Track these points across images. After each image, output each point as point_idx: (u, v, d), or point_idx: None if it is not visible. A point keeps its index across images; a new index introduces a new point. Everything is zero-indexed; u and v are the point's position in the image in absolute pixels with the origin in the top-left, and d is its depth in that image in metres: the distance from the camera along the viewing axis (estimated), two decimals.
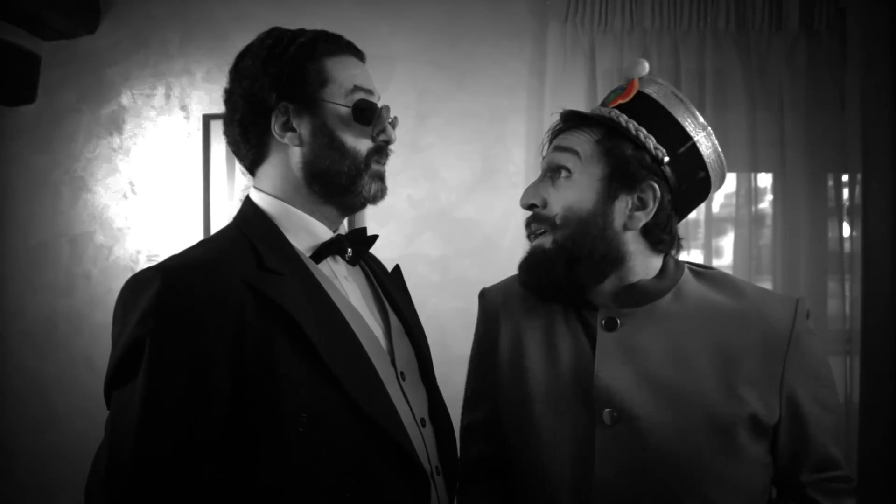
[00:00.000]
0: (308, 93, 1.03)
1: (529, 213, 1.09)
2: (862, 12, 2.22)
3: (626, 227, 1.03)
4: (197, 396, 0.88)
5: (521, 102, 2.40)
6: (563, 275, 1.03)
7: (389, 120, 1.07)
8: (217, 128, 2.46)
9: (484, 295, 1.24)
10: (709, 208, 2.32)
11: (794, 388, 1.01)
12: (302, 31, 1.07)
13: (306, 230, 1.06)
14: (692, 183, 1.06)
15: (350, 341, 1.00)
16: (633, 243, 1.04)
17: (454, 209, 2.42)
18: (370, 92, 1.07)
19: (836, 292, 2.30)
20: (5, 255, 2.54)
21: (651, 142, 1.02)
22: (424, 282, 2.38)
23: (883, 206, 2.21)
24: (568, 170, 1.04)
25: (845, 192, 2.31)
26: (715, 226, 2.35)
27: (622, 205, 1.03)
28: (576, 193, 1.03)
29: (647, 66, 1.08)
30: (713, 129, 1.07)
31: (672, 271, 1.07)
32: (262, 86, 1.02)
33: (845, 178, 2.31)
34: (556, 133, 1.10)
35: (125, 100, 2.51)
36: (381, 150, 1.08)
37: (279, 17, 2.43)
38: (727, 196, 2.41)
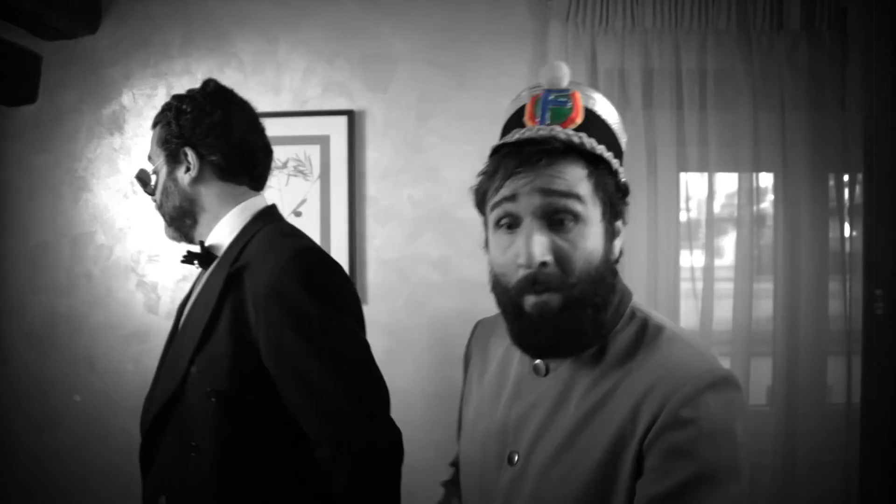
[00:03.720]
0: None
1: (529, 269, 0.89)
2: (863, 12, 2.22)
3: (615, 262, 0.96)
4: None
5: None
6: (591, 329, 0.91)
7: (151, 186, 1.44)
8: None
9: (476, 326, 1.21)
10: (710, 208, 2.31)
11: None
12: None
13: None
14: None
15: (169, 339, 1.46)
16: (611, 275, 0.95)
17: (455, 209, 2.41)
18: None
19: (838, 292, 2.30)
20: (6, 255, 2.54)
21: (618, 164, 0.94)
22: (425, 282, 2.37)
23: (884, 206, 2.20)
24: (575, 217, 0.89)
25: (846, 192, 2.31)
26: (716, 226, 2.35)
27: (617, 240, 0.95)
28: (589, 242, 0.90)
29: (566, 68, 0.94)
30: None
31: (609, 317, 0.95)
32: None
33: (846, 177, 2.31)
34: (528, 166, 0.89)
35: (126, 100, 2.51)
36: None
37: (279, 16, 2.44)
38: (728, 196, 2.41)
